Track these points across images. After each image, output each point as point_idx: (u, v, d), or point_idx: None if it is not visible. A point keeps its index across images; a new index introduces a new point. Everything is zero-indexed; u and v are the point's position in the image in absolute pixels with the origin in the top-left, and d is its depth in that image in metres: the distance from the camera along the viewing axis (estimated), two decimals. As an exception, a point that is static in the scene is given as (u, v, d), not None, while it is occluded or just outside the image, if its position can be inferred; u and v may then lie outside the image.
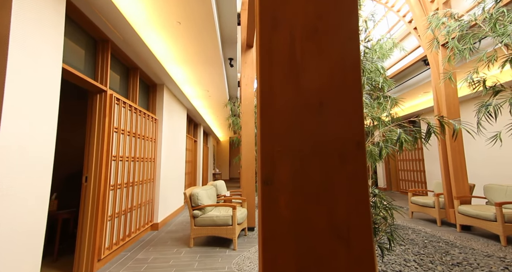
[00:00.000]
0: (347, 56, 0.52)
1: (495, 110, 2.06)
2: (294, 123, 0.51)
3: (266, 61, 0.53)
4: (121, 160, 3.07)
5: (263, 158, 0.51)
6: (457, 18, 3.31)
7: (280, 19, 0.53)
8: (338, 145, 0.50)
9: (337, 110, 0.51)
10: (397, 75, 6.58)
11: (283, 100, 0.52)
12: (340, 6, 0.53)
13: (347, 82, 0.52)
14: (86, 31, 2.56)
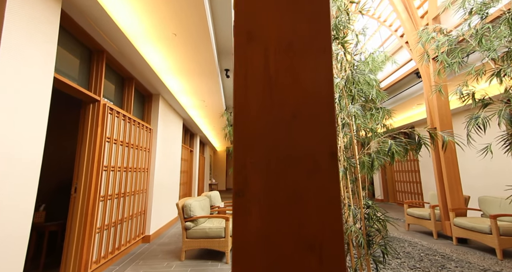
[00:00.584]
0: (320, 69, 0.53)
1: (484, 122, 2.09)
2: (267, 135, 0.51)
3: (241, 74, 0.53)
4: (112, 170, 3.03)
5: (236, 169, 0.50)
6: (446, 33, 3.41)
7: (255, 33, 0.54)
8: (311, 156, 0.50)
9: (310, 122, 0.51)
10: (391, 87, 6.70)
11: (257, 112, 0.52)
12: (314, 21, 0.54)
13: (320, 95, 0.52)
14: (81, 41, 2.59)
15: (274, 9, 0.54)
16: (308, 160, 0.50)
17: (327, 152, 0.50)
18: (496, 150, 2.34)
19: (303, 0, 0.54)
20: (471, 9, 2.78)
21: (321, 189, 0.49)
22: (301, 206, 0.49)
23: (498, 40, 2.48)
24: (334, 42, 2.52)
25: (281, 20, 0.54)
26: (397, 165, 9.06)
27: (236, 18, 0.54)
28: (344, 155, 2.61)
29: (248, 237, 0.47)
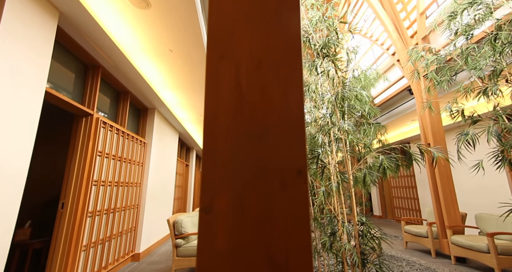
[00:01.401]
0: (291, 87, 0.54)
1: (473, 139, 2.11)
2: (236, 151, 0.51)
3: (212, 91, 0.54)
4: (102, 185, 2.97)
5: (204, 185, 0.49)
6: (434, 53, 3.53)
7: (227, 51, 0.55)
8: (279, 173, 0.50)
9: (279, 139, 0.51)
10: (385, 103, 6.81)
11: (227, 128, 0.52)
12: (285, 40, 0.56)
13: (290, 112, 0.52)
14: (76, 56, 2.64)
15: (246, 29, 0.56)
16: (276, 178, 0.50)
17: (295, 169, 0.50)
18: (490, 166, 2.34)
19: (274, 21, 0.56)
20: (457, 30, 2.89)
21: (289, 207, 0.48)
22: (268, 224, 0.47)
23: (483, 60, 2.56)
24: (325, 59, 2.59)
25: (253, 39, 0.55)
26: (394, 181, 9.01)
27: (209, 37, 0.55)
28: (336, 170, 2.60)
29: (212, 259, 0.46)
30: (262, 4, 0.57)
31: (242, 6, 0.57)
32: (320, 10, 2.84)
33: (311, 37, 2.67)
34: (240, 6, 0.57)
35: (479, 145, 2.42)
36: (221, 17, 0.57)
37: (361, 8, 7.20)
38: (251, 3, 0.57)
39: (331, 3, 2.78)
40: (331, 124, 2.58)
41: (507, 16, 2.52)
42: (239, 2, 0.57)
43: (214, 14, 0.56)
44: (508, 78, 2.38)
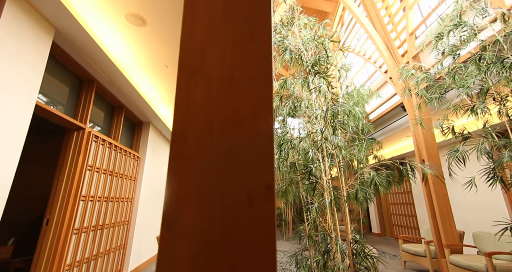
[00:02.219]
0: (261, 103, 0.54)
1: (463, 156, 2.12)
2: (205, 166, 0.50)
3: (181, 105, 0.54)
4: (91, 200, 2.90)
5: (169, 200, 0.48)
6: (424, 71, 3.63)
7: (198, 66, 0.56)
8: (248, 188, 0.49)
9: (249, 154, 0.51)
10: (380, 119, 6.89)
11: (195, 143, 0.51)
12: (257, 56, 0.57)
13: (260, 127, 0.52)
14: (71, 71, 2.67)
15: (218, 44, 0.57)
16: (244, 193, 0.48)
17: (263, 185, 0.49)
18: (484, 183, 2.32)
19: (246, 38, 0.57)
20: (443, 50, 3.00)
21: (256, 223, 0.47)
22: (235, 242, 0.46)
23: (470, 78, 2.63)
24: (316, 76, 2.65)
25: (224, 55, 0.56)
26: (391, 197, 8.90)
27: (181, 52, 0.56)
28: (330, 185, 2.57)
29: (172, 280, 0.43)
30: (235, 22, 0.58)
31: (217, 22, 0.58)
32: (313, 29, 2.94)
33: (303, 55, 2.74)
34: (215, 22, 0.58)
35: (473, 162, 2.42)
36: (194, 33, 0.58)
37: (354, 28, 7.50)
38: (225, 21, 0.58)
39: (323, 23, 2.88)
40: (323, 140, 2.59)
41: (491, 37, 2.62)
42: (213, 19, 0.59)
43: (187, 30, 0.58)
44: (495, 97, 2.43)
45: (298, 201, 5.22)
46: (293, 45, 2.80)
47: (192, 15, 0.58)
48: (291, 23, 2.72)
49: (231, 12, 0.58)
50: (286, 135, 3.57)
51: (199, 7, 0.59)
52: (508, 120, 2.20)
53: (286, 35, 2.69)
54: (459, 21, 2.64)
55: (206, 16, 0.58)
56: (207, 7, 0.58)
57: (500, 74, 2.22)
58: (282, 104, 3.03)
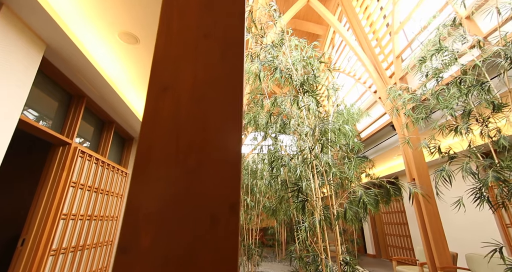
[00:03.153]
0: (230, 121, 0.54)
1: (449, 175, 2.14)
2: (168, 184, 0.49)
3: (149, 121, 0.53)
4: (72, 219, 2.77)
5: (127, 220, 0.46)
6: (411, 92, 3.76)
7: (169, 83, 0.56)
8: (211, 208, 0.47)
9: (214, 172, 0.50)
10: (371, 138, 6.98)
11: (160, 159, 0.51)
12: (228, 76, 0.58)
13: (227, 146, 0.52)
14: (61, 86, 2.66)
15: (190, 63, 0.58)
16: (207, 212, 0.47)
17: (227, 204, 0.48)
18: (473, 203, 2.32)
19: (218, 59, 0.59)
20: (427, 73, 3.12)
21: (218, 244, 0.45)
22: (195, 265, 0.44)
23: (453, 100, 2.73)
24: (305, 94, 2.70)
25: (196, 74, 0.57)
26: (385, 217, 8.79)
27: (153, 68, 0.57)
28: (320, 204, 2.53)
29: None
30: (209, 43, 0.60)
31: (190, 42, 0.60)
32: (303, 50, 3.05)
33: (292, 74, 2.82)
34: (188, 42, 0.60)
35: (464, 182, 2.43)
36: (168, 51, 0.59)
37: (344, 50, 7.81)
38: (199, 41, 0.60)
39: (311, 45, 3.00)
40: (312, 157, 2.59)
41: (470, 62, 2.76)
42: (187, 39, 0.60)
43: (160, 47, 0.59)
44: (478, 118, 2.51)
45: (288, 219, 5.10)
46: (284, 64, 2.89)
47: (166, 33, 0.60)
48: (281, 44, 2.82)
49: (204, 34, 0.60)
50: (278, 152, 3.57)
51: (174, 25, 0.61)
52: (491, 141, 2.26)
53: (276, 55, 2.78)
54: (440, 46, 2.79)
55: (181, 35, 0.60)
56: (182, 27, 0.60)
57: (480, 96, 2.30)
58: (272, 121, 3.06)
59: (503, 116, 2.26)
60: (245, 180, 5.93)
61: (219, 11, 0.62)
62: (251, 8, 2.83)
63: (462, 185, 2.46)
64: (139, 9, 1.90)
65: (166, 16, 0.61)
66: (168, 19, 0.61)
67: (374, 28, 5.70)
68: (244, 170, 6.07)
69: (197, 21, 0.61)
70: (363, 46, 5.83)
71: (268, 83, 3.28)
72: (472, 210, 4.80)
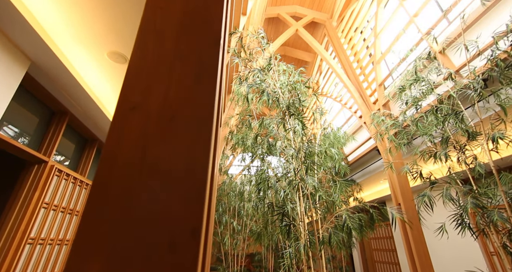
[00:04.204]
0: (200, 142, 0.54)
1: (430, 200, 2.16)
2: (127, 206, 0.47)
3: (114, 139, 0.52)
4: (41, 244, 2.56)
5: (76, 245, 0.43)
6: (393, 118, 3.91)
7: (139, 102, 0.56)
8: (171, 232, 0.45)
9: (178, 196, 0.48)
10: (358, 161, 7.07)
11: (122, 179, 0.49)
12: (201, 99, 0.58)
13: (194, 168, 0.51)
14: (43, 102, 2.60)
15: (163, 84, 0.58)
16: (166, 237, 0.45)
17: (189, 228, 0.46)
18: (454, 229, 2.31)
19: (191, 81, 0.59)
20: (407, 101, 3.28)
21: (179, 270, 0.42)
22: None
23: (431, 127, 2.84)
24: (291, 117, 2.76)
25: (168, 94, 0.57)
26: (374, 243, 8.63)
27: (124, 86, 0.57)
28: (305, 228, 2.46)
29: None
30: (183, 65, 0.61)
31: (165, 63, 0.61)
32: (291, 75, 3.17)
33: (279, 97, 2.89)
34: (163, 63, 0.61)
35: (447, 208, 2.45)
36: (141, 70, 0.60)
37: (331, 76, 8.18)
38: (173, 63, 0.61)
39: (298, 71, 3.13)
40: (298, 179, 2.57)
41: (446, 92, 2.93)
42: (162, 59, 0.61)
43: (134, 66, 0.59)
44: (455, 145, 2.61)
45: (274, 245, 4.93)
46: (271, 88, 2.98)
47: (142, 53, 0.61)
48: (269, 68, 2.93)
49: (180, 56, 0.61)
50: (264, 174, 3.53)
51: (150, 46, 0.62)
52: (468, 168, 2.33)
53: (264, 79, 2.88)
54: (417, 77, 2.97)
55: (155, 56, 0.61)
56: (157, 48, 0.62)
57: (456, 125, 2.42)
58: (259, 143, 3.07)
59: (478, 144, 2.36)
60: (232, 202, 5.77)
61: (196, 37, 0.65)
62: (241, 34, 2.97)
63: (445, 212, 2.48)
64: (128, 29, 1.95)
65: (143, 37, 0.63)
66: (144, 40, 0.62)
67: (358, 57, 6.05)
68: (231, 192, 5.92)
69: (173, 44, 0.63)
70: (348, 73, 6.14)
71: (257, 105, 3.35)
72: (457, 237, 4.79)
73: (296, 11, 6.52)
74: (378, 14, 5.19)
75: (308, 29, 6.69)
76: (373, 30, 5.42)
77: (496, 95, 2.19)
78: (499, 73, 2.10)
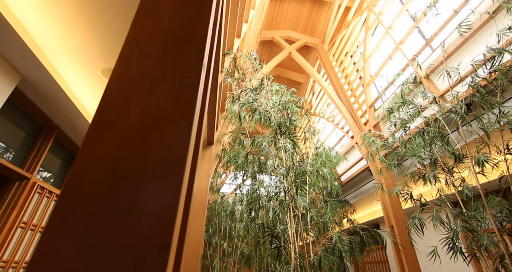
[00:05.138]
0: (175, 160, 0.53)
1: (421, 223, 2.13)
2: (92, 225, 0.45)
3: (86, 155, 0.51)
4: (13, 267, 2.39)
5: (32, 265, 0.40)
6: (383, 139, 3.97)
7: (116, 118, 0.56)
8: (137, 256, 0.43)
9: (147, 213, 0.47)
10: (351, 181, 7.03)
11: (90, 196, 0.47)
12: (180, 117, 0.58)
13: (166, 185, 0.50)
14: (31, 118, 2.55)
15: (142, 101, 0.58)
16: (132, 256, 0.42)
17: (157, 244, 0.44)
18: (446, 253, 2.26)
19: (172, 99, 0.60)
20: (395, 123, 3.36)
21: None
22: None
23: (420, 149, 2.89)
24: (282, 136, 2.77)
25: (147, 112, 0.57)
26: (369, 267, 8.35)
27: (102, 101, 0.56)
28: (296, 251, 2.38)
29: None
30: (164, 83, 0.62)
31: (146, 80, 0.61)
32: (283, 95, 3.24)
33: (271, 116, 2.93)
34: (144, 80, 0.61)
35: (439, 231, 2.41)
36: (121, 86, 0.60)
37: (323, 96, 8.38)
38: (155, 81, 0.62)
39: (289, 91, 3.21)
40: (288, 199, 2.53)
41: (432, 115, 3.02)
42: (143, 77, 0.62)
43: (114, 81, 0.60)
44: (443, 167, 2.64)
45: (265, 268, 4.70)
46: (263, 107, 3.03)
47: (123, 70, 0.61)
48: (261, 88, 3.00)
49: (161, 75, 0.62)
50: (255, 193, 3.47)
51: (132, 62, 0.63)
52: (457, 191, 2.34)
53: (256, 98, 2.93)
54: (403, 100, 3.07)
55: (137, 73, 0.61)
56: (140, 65, 0.63)
57: (442, 147, 2.47)
58: (250, 161, 3.05)
59: (465, 167, 2.39)
60: (223, 223, 5.59)
61: (179, 57, 0.66)
62: (234, 55, 3.06)
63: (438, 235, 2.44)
64: (121, 46, 1.99)
65: (127, 54, 0.64)
66: (128, 57, 0.63)
67: (349, 80, 6.26)
68: (223, 212, 5.75)
69: (156, 62, 0.64)
70: (339, 95, 6.31)
71: (250, 124, 3.37)
72: (451, 261, 4.67)
73: (289, 35, 6.82)
74: (367, 40, 5.48)
75: (301, 52, 6.97)
76: (362, 54, 5.68)
77: (479, 120, 2.26)
78: (480, 99, 2.19)
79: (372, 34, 5.55)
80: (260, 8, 4.94)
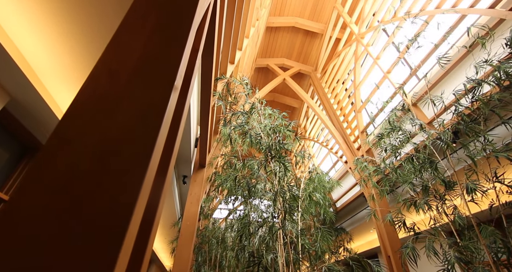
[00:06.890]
0: (131, 184, 0.51)
1: (413, 253, 2.04)
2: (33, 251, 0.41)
3: (36, 177, 0.49)
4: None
5: None
6: (376, 165, 3.96)
7: (75, 136, 0.55)
8: None
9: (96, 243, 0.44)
10: (346, 208, 6.84)
11: (35, 222, 0.44)
12: (143, 138, 0.57)
13: (117, 211, 0.48)
14: (17, 138, 2.50)
15: (105, 118, 0.58)
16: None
17: None
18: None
19: (139, 119, 0.59)
20: (386, 149, 3.38)
21: None
22: None
23: (411, 175, 2.87)
24: (272, 159, 2.75)
25: (109, 131, 0.56)
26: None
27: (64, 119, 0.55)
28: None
29: None
30: (130, 103, 0.62)
31: (112, 100, 0.61)
32: (277, 120, 3.27)
33: (261, 139, 2.93)
34: (110, 100, 0.61)
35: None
36: (85, 104, 0.59)
37: (317, 121, 8.51)
38: (121, 100, 0.62)
39: (281, 115, 3.25)
40: (278, 226, 2.43)
41: (422, 142, 3.05)
42: (109, 94, 0.62)
43: (79, 101, 0.59)
44: (435, 194, 2.60)
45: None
46: (255, 130, 3.04)
47: (91, 90, 0.61)
48: (252, 112, 3.04)
49: (129, 96, 0.62)
50: (245, 219, 3.34)
51: (101, 82, 0.63)
52: (450, 220, 2.28)
53: (247, 121, 2.95)
54: (392, 127, 3.12)
55: (104, 93, 0.62)
56: (108, 86, 0.63)
57: (432, 173, 2.46)
58: (239, 185, 2.99)
59: (457, 194, 2.36)
60: (213, 251, 5.30)
61: (150, 79, 0.67)
62: (228, 80, 3.15)
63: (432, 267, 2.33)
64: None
65: (96, 75, 0.64)
66: (97, 78, 0.64)
67: (341, 105, 6.41)
68: (213, 239, 5.49)
69: (125, 84, 0.64)
70: (332, 120, 6.42)
71: (243, 147, 3.36)
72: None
73: (284, 63, 7.12)
74: (356, 69, 5.72)
75: (295, 78, 7.21)
76: (353, 82, 5.89)
77: (466, 147, 2.29)
78: (465, 127, 2.24)
79: (361, 64, 5.82)
80: (255, 37, 5.21)
